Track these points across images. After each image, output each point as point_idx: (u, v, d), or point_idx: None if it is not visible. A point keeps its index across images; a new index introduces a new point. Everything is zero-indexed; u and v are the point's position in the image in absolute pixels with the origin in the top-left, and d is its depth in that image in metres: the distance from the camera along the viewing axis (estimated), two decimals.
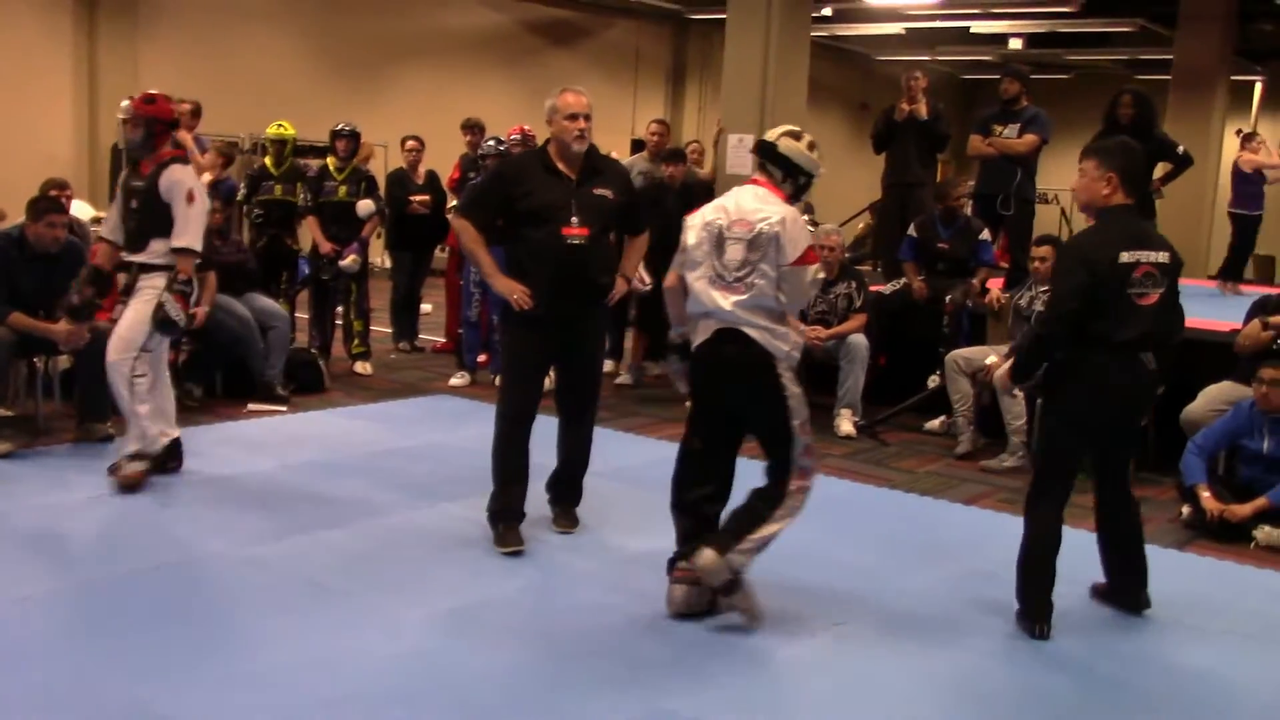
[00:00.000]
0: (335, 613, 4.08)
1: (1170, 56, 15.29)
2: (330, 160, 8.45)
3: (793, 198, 4.26)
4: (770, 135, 4.34)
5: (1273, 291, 6.74)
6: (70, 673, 3.49)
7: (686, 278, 4.27)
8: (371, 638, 3.89)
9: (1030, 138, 8.17)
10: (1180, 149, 8.52)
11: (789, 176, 4.24)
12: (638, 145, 16.82)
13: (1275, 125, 18.52)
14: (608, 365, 8.80)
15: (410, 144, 9.54)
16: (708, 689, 3.64)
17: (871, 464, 6.66)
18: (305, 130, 9.22)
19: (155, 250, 5.41)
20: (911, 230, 7.91)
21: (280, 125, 8.65)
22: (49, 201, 6.18)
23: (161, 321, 5.29)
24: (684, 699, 3.56)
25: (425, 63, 16.28)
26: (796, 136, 4.28)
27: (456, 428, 7.01)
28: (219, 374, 7.39)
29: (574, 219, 4.70)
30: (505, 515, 4.87)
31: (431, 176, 9.60)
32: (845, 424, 7.27)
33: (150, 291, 5.37)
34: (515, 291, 4.70)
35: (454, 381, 8.25)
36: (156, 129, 5.51)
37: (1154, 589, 4.74)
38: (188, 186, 5.38)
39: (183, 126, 9.10)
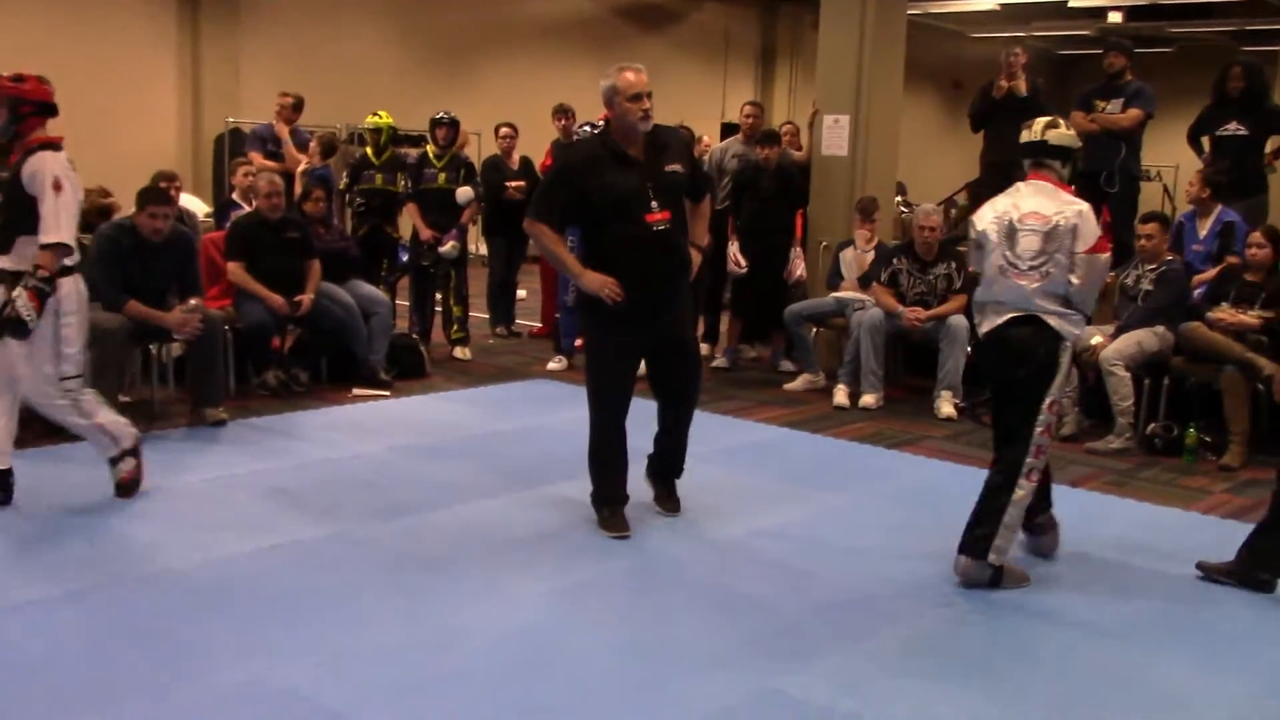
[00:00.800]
0: (445, 592, 4.16)
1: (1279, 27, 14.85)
2: (430, 148, 8.56)
3: (1070, 180, 4.54)
4: (1035, 134, 4.44)
5: None
6: (190, 648, 3.60)
7: (985, 266, 4.46)
8: (482, 617, 3.96)
9: (1135, 112, 7.99)
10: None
11: (1066, 163, 4.47)
12: (728, 129, 16.82)
13: None
14: (703, 349, 8.82)
15: (504, 131, 9.63)
16: (813, 669, 3.64)
17: (973, 446, 6.58)
18: (400, 120, 9.35)
19: (24, 254, 4.68)
20: None
21: (378, 115, 8.79)
22: (153, 192, 6.33)
23: (8, 322, 4.60)
24: (790, 678, 3.57)
25: (516, 50, 16.39)
26: (1054, 124, 4.46)
27: (555, 411, 7.07)
28: (324, 360, 7.54)
29: (654, 204, 4.56)
30: (610, 500, 4.87)
31: (525, 162, 9.68)
32: (946, 406, 7.20)
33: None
34: (607, 285, 4.56)
35: (551, 366, 8.32)
36: (23, 110, 4.74)
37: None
38: (53, 174, 4.64)
39: (282, 119, 9.32)
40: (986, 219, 4.48)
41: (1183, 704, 3.55)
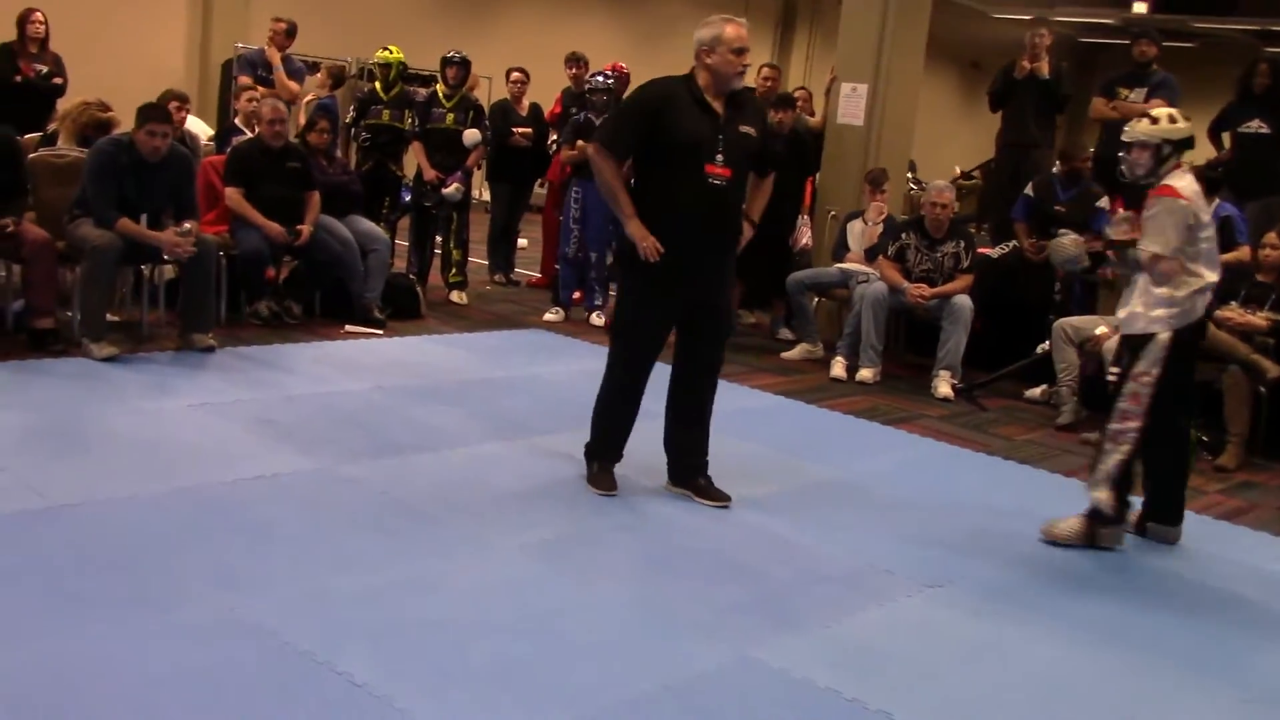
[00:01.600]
0: (427, 536, 4.08)
1: None
2: (440, 87, 8.42)
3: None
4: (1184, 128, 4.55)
5: None
6: (163, 576, 3.52)
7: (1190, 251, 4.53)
8: (464, 564, 3.88)
9: (1158, 103, 7.85)
10: None
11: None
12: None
13: None
14: None
15: (515, 75, 9.49)
16: (796, 640, 3.58)
17: (968, 428, 6.52)
18: (410, 58, 9.18)
19: None
20: (1029, 190, 7.68)
21: (389, 50, 8.63)
22: (154, 109, 6.19)
23: None
24: (771, 649, 3.50)
25: None
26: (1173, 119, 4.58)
27: (551, 362, 6.99)
28: (318, 294, 7.44)
29: (719, 157, 4.37)
30: (604, 454, 4.77)
31: (535, 109, 9.55)
32: (943, 386, 7.12)
33: None
34: (648, 240, 4.37)
35: (548, 317, 8.23)
36: None
37: (1251, 578, 4.61)
38: None
39: (274, 45, 9.13)
40: (1199, 202, 4.51)
41: (1169, 703, 3.49)
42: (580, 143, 8.04)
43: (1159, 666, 3.72)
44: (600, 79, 8.10)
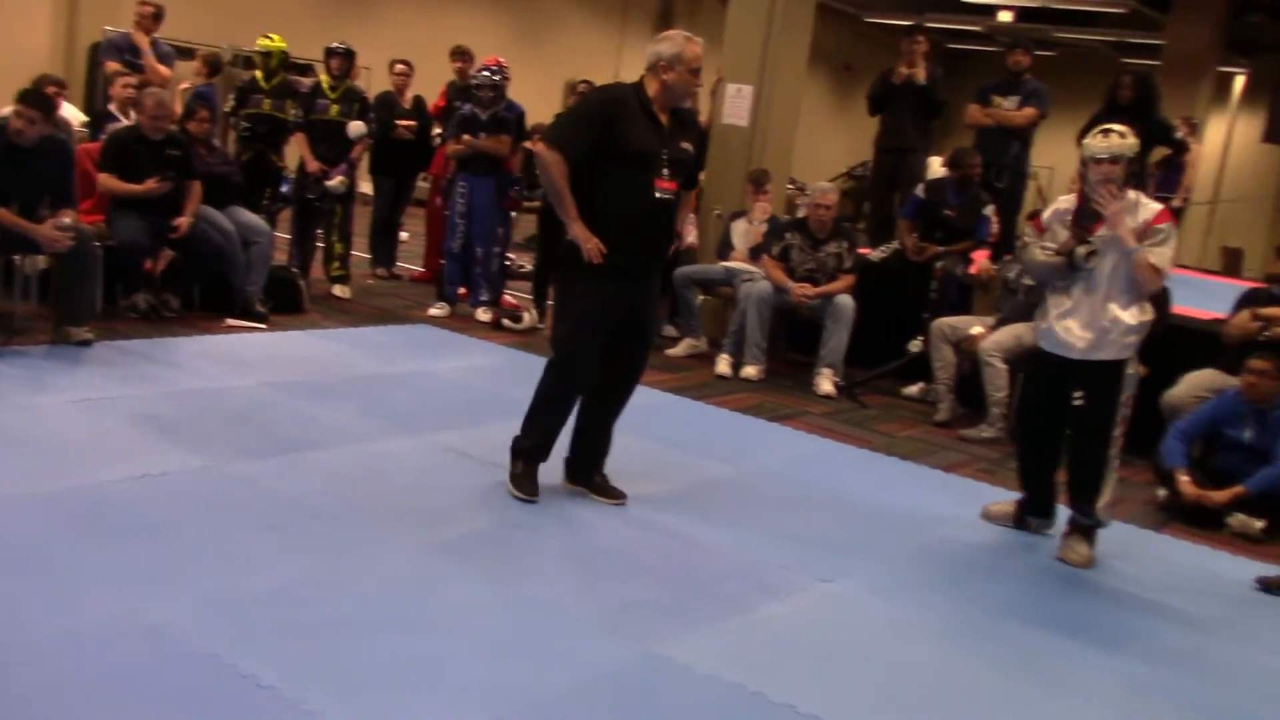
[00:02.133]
0: (325, 534, 4.04)
1: (1156, 41, 15.36)
2: (323, 78, 8.29)
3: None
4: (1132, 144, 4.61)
5: (1260, 285, 6.78)
6: (56, 580, 3.42)
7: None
8: (363, 562, 3.85)
9: (1030, 111, 8.17)
10: (1179, 134, 8.55)
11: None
12: None
13: (1253, 119, 18.65)
14: None
15: (399, 67, 9.39)
16: (699, 638, 3.64)
17: (851, 425, 6.68)
18: (292, 48, 9.00)
19: None
20: (919, 190, 7.85)
21: (270, 38, 8.46)
22: (30, 94, 5.97)
23: None
24: (675, 646, 3.55)
25: None
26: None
27: (437, 358, 6.95)
28: (197, 286, 7.26)
29: (665, 171, 4.39)
30: (532, 454, 4.67)
31: (418, 102, 9.46)
32: (825, 383, 7.28)
33: None
34: (592, 243, 4.32)
35: (433, 311, 8.17)
36: None
37: (1131, 569, 4.83)
38: None
39: (141, 29, 8.88)
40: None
41: (1055, 690, 3.65)
42: (466, 137, 8.01)
43: (1045, 650, 3.88)
44: (487, 74, 8.07)
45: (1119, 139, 4.53)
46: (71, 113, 8.36)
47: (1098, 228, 4.55)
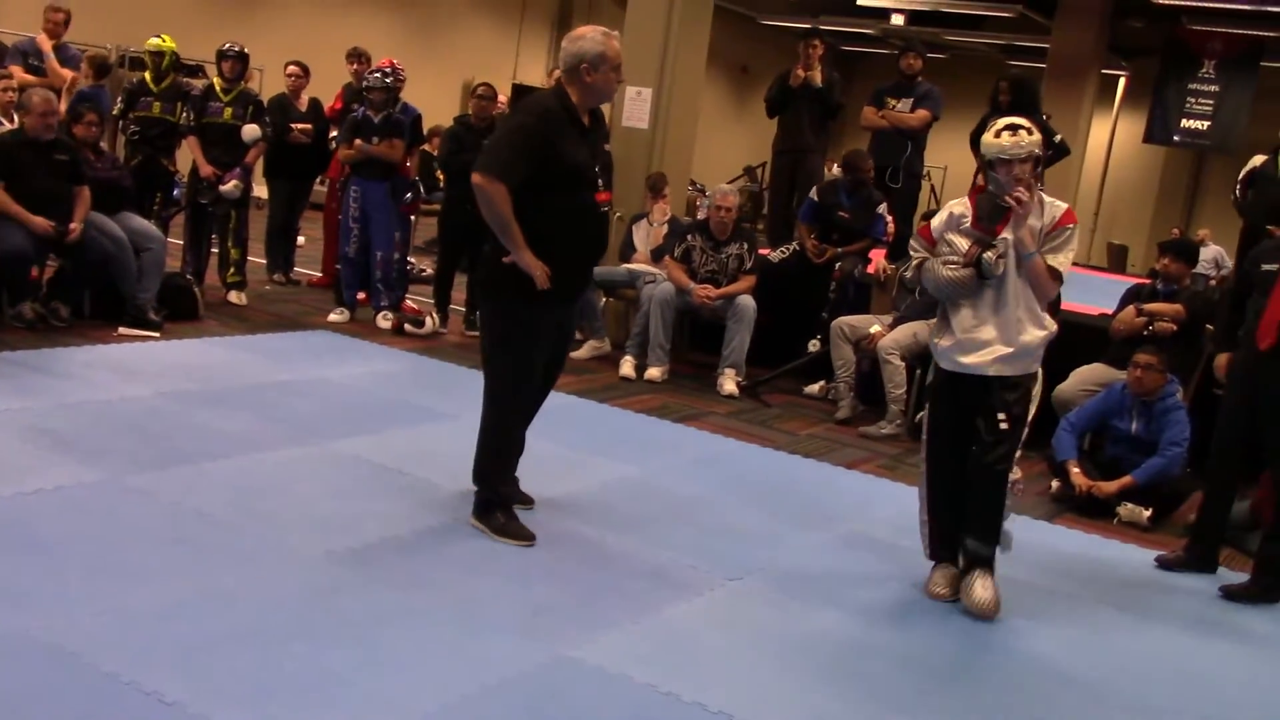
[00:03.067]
0: (227, 546, 3.97)
1: (1043, 45, 15.78)
2: (216, 81, 8.14)
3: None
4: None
5: (1144, 281, 7.02)
6: None
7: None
8: (266, 572, 3.80)
9: (923, 113, 8.34)
10: (1058, 137, 8.78)
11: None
12: (520, 90, 16.65)
13: (1134, 120, 19.25)
14: None
15: (292, 69, 9.25)
16: (608, 639, 3.66)
17: (754, 424, 6.76)
18: (182, 49, 8.84)
19: None
20: (813, 194, 7.97)
21: (160, 38, 8.29)
22: None
23: None
24: (586, 649, 3.57)
25: None
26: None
27: (338, 364, 6.87)
28: (87, 294, 7.08)
29: (600, 182, 4.22)
30: (507, 502, 4.51)
31: (314, 105, 9.34)
32: (728, 383, 7.35)
33: None
34: (540, 269, 4.12)
35: (333, 317, 8.07)
36: None
37: (1027, 558, 4.96)
38: None
39: (48, 33, 8.68)
40: None
41: (953, 677, 3.73)
42: (358, 141, 7.92)
43: (938, 647, 3.97)
44: (378, 76, 8.00)
45: (1028, 135, 4.10)
46: None
47: (1001, 229, 4.13)
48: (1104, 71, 16.31)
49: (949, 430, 4.35)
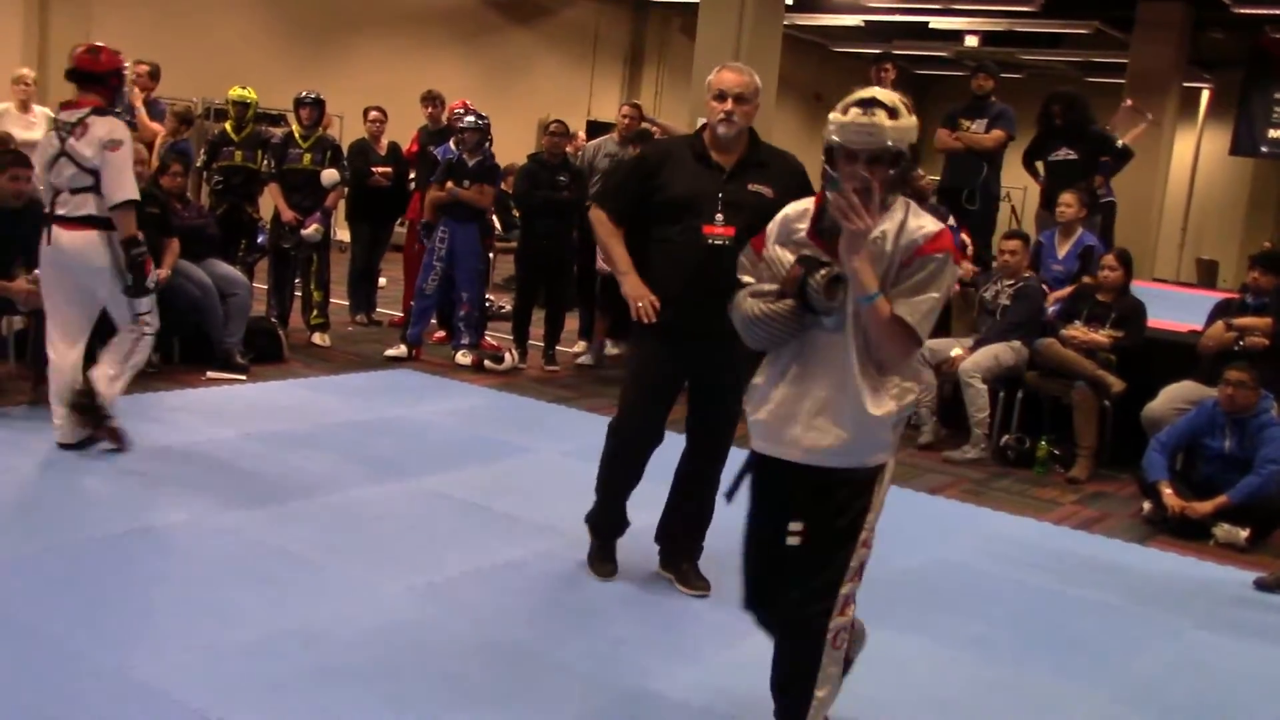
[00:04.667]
0: (312, 584, 4.02)
1: (1122, 60, 15.53)
2: (295, 128, 8.32)
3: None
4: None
5: (1233, 296, 6.85)
6: (43, 639, 3.40)
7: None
8: (351, 609, 3.84)
9: (998, 133, 8.24)
10: (1119, 142, 8.65)
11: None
12: (594, 127, 16.80)
13: (1220, 132, 18.85)
14: (577, 345, 8.76)
15: (373, 115, 9.41)
16: (691, 670, 3.64)
17: None
18: (263, 99, 9.06)
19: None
20: None
21: (243, 89, 8.50)
22: (13, 155, 6.02)
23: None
24: (664, 680, 3.55)
25: (383, 34, 16.07)
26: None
27: (419, 402, 6.94)
28: (177, 340, 7.25)
29: (718, 216, 3.98)
30: (603, 527, 4.42)
31: (393, 148, 9.49)
32: None
33: None
34: (643, 299, 4.01)
35: (389, 353, 8.13)
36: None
37: (1120, 582, 4.84)
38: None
39: (139, 87, 8.94)
40: None
41: (1043, 709, 3.64)
42: (449, 184, 8.03)
43: (1035, 674, 3.88)
44: (473, 119, 8.12)
45: (888, 119, 2.72)
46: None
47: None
48: (1186, 85, 16.01)
49: (765, 542, 3.04)
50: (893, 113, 2.75)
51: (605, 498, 4.39)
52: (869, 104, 2.76)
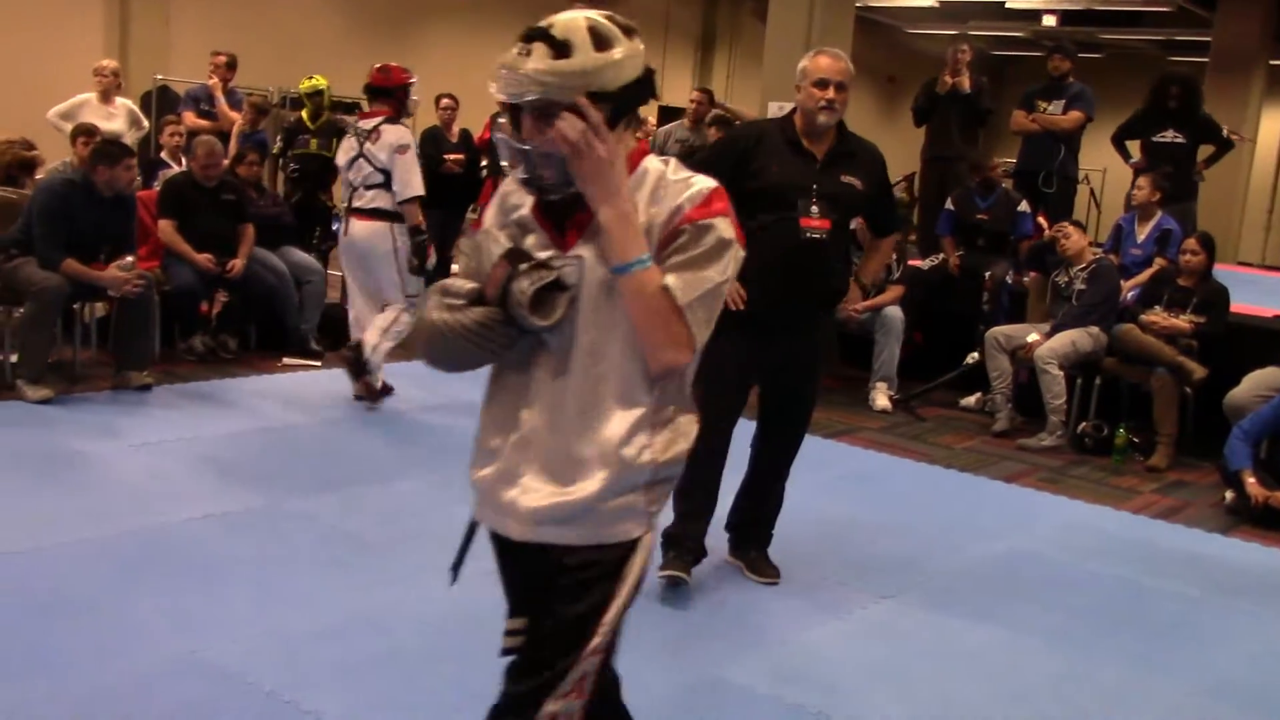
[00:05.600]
0: (383, 568, 4.06)
1: (1205, 38, 15.15)
2: None
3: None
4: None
5: None
6: (120, 622, 3.48)
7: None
8: (418, 593, 3.86)
9: (1075, 114, 8.09)
10: (1225, 131, 8.44)
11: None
12: (666, 113, 16.74)
13: None
14: None
15: (445, 102, 9.47)
16: (758, 659, 3.62)
17: (908, 439, 6.62)
18: (335, 86, 9.15)
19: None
20: (949, 204, 7.83)
21: (315, 78, 8.58)
22: (120, 147, 6.25)
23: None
24: (734, 667, 3.53)
25: (454, 20, 16.16)
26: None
27: None
28: (253, 327, 7.36)
29: (814, 208, 3.86)
30: (680, 544, 4.11)
31: (465, 135, 9.54)
32: (881, 398, 7.22)
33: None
34: (734, 289, 3.77)
35: None
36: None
37: (1201, 573, 4.73)
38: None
39: (217, 77, 9.09)
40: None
41: (1120, 701, 3.58)
42: None
43: (1112, 666, 3.81)
44: None
45: (550, 57, 1.96)
46: None
47: (574, 239, 2.03)
48: (1272, 62, 15.56)
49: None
50: (561, 49, 1.94)
51: (683, 512, 4.12)
52: (531, 37, 1.98)
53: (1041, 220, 7.96)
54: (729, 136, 4.30)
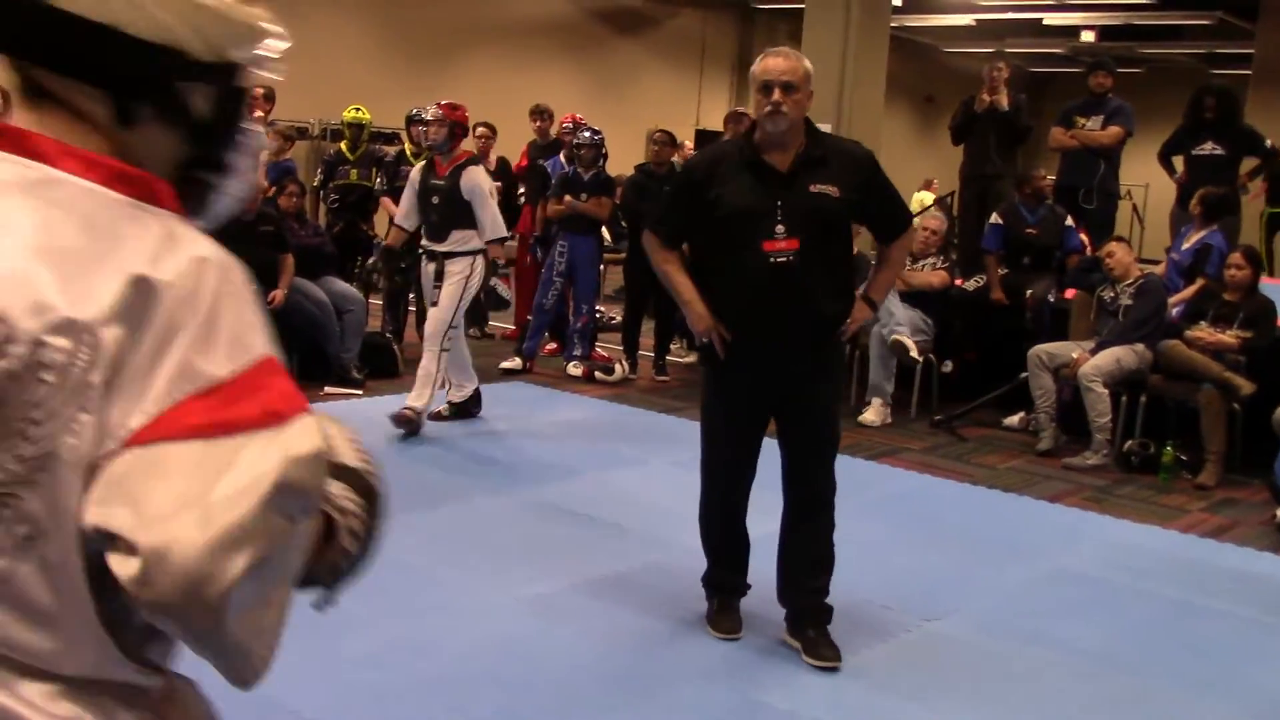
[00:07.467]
0: (424, 594, 4.07)
1: (1247, 50, 15.00)
2: (407, 145, 8.47)
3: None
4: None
5: None
6: None
7: None
8: (461, 620, 3.87)
9: (1115, 130, 8.03)
10: (1268, 143, 8.35)
11: None
12: (703, 136, 16.80)
13: None
14: (689, 356, 8.73)
15: (481, 130, 9.51)
16: (800, 684, 3.59)
17: (951, 459, 6.56)
18: (374, 117, 9.25)
19: (455, 240, 6.21)
20: (995, 218, 7.77)
21: (356, 109, 8.68)
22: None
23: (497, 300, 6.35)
24: (776, 693, 3.51)
25: (491, 50, 16.30)
26: None
27: (531, 414, 6.99)
28: (295, 357, 7.42)
29: (778, 229, 3.52)
30: (719, 583, 3.99)
31: (502, 163, 9.59)
32: (870, 413, 7.22)
33: (456, 277, 6.21)
34: (712, 329, 3.64)
35: (504, 365, 8.21)
36: (457, 132, 6.30)
37: (1250, 593, 4.65)
38: (490, 185, 6.29)
39: (258, 109, 9.19)
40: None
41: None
42: (568, 197, 8.10)
43: (1162, 688, 3.74)
44: (588, 134, 8.19)
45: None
46: None
47: None
48: None
49: None
50: None
51: (713, 556, 4.01)
52: None
53: (1083, 236, 7.89)
54: (682, 170, 3.97)
